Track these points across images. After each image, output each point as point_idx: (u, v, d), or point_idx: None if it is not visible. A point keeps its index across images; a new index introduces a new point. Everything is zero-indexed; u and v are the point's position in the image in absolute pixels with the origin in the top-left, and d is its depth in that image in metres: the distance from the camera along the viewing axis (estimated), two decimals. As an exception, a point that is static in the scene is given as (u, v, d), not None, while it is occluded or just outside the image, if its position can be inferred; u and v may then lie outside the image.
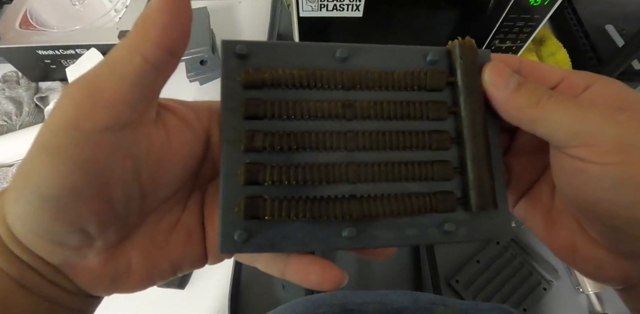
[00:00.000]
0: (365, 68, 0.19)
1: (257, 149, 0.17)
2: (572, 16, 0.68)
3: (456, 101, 0.19)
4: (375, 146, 0.18)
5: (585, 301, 0.46)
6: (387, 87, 0.19)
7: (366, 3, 0.48)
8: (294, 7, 0.48)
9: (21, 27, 0.56)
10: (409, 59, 0.20)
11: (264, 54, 0.18)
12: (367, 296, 0.34)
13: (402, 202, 0.18)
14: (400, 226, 0.18)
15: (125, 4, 0.59)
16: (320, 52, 0.19)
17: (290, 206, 0.17)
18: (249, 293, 0.46)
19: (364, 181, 0.18)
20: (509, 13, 0.50)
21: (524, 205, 0.21)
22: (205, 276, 0.47)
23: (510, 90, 0.18)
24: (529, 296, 0.46)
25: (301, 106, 0.18)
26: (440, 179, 0.19)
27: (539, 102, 0.17)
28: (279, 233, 0.17)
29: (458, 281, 0.46)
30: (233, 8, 0.73)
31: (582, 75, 0.18)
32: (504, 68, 0.19)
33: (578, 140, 0.16)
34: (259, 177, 0.17)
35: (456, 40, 0.19)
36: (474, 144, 0.19)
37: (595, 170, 0.16)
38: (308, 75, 0.18)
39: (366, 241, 0.18)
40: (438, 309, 0.32)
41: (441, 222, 0.18)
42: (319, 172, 0.18)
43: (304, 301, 0.34)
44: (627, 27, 0.64)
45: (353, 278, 0.47)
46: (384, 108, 0.19)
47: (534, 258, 0.48)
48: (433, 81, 0.19)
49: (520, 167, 0.21)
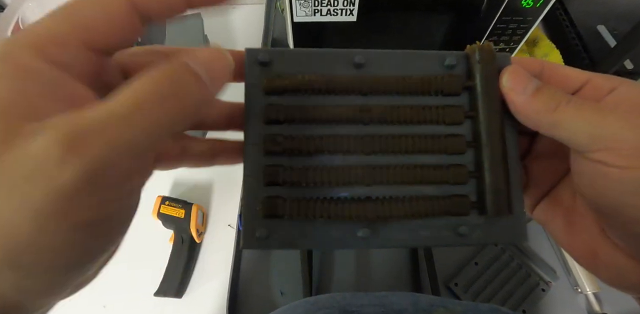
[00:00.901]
0: (383, 73, 0.19)
1: (277, 152, 0.18)
2: (565, 17, 0.68)
3: (474, 105, 0.19)
4: (391, 150, 0.19)
5: (583, 301, 0.46)
6: (404, 92, 0.19)
7: (360, 8, 0.48)
8: (288, 12, 0.48)
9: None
10: (427, 64, 0.20)
11: (285, 62, 0.19)
12: (367, 298, 0.34)
13: (416, 204, 0.18)
14: (414, 228, 0.19)
15: (118, 11, 0.59)
16: (339, 58, 0.19)
17: (307, 207, 0.18)
18: (246, 301, 0.46)
19: (380, 184, 0.19)
20: (502, 15, 0.51)
21: (543, 208, 0.21)
22: (203, 285, 0.47)
23: (529, 94, 0.18)
24: (528, 297, 0.46)
25: (319, 110, 0.19)
26: (455, 183, 0.19)
27: (557, 106, 0.17)
28: (297, 232, 0.18)
29: (457, 284, 0.46)
30: (227, 13, 0.73)
31: (607, 78, 0.18)
32: (522, 72, 0.18)
33: (598, 144, 0.16)
34: (278, 178, 0.18)
35: (475, 45, 0.19)
36: (491, 148, 0.19)
37: (617, 174, 0.15)
38: (327, 81, 0.19)
39: (380, 242, 0.19)
40: (437, 311, 0.32)
41: (455, 225, 0.19)
42: (335, 175, 0.18)
43: (304, 303, 0.34)
44: (618, 27, 0.65)
45: (351, 281, 0.47)
46: (400, 113, 0.19)
47: (532, 259, 0.48)
48: (450, 85, 0.19)
49: (539, 170, 0.21)
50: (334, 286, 0.46)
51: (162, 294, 0.44)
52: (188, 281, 0.47)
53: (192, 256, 0.48)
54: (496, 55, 0.19)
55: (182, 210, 0.48)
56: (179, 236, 0.48)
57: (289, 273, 0.47)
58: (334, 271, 0.47)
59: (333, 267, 0.48)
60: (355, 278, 0.47)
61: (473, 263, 0.48)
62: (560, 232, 0.20)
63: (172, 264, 0.46)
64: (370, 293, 0.35)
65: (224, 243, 0.49)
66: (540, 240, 0.50)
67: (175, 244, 0.48)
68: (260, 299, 0.46)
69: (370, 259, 0.48)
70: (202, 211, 0.50)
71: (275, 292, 0.46)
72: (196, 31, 0.59)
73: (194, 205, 0.49)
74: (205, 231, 0.51)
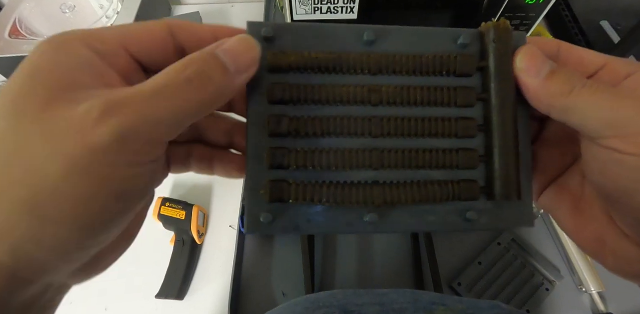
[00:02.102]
0: (394, 51, 0.18)
1: (282, 134, 0.18)
2: (567, 13, 0.67)
3: (487, 87, 0.19)
4: (400, 133, 0.18)
5: (588, 300, 0.46)
6: (415, 72, 0.19)
7: (361, 5, 0.47)
8: (288, 10, 0.48)
9: (11, 36, 0.55)
10: (439, 42, 0.19)
11: (291, 37, 0.18)
12: (367, 297, 0.33)
13: (424, 189, 0.18)
14: (422, 213, 0.18)
15: (117, 11, 0.59)
16: (348, 34, 0.18)
17: (314, 191, 0.17)
18: (248, 302, 0.45)
19: (387, 168, 0.18)
20: (504, 12, 0.50)
21: (551, 195, 0.21)
22: (205, 287, 0.47)
23: (543, 77, 0.17)
24: (532, 297, 0.45)
25: (327, 90, 0.18)
26: (465, 168, 0.19)
27: (572, 90, 0.16)
28: (303, 216, 0.18)
29: (460, 284, 0.46)
30: (226, 12, 0.72)
31: (625, 63, 0.17)
32: (537, 53, 0.18)
33: (613, 130, 0.15)
34: (283, 161, 0.17)
35: (490, 22, 0.18)
36: (502, 133, 0.18)
37: (631, 161, 0.15)
38: (334, 59, 0.18)
39: (387, 227, 0.18)
40: (438, 309, 0.32)
41: (463, 210, 0.18)
42: (342, 158, 0.18)
43: (304, 301, 0.33)
44: (622, 22, 0.64)
45: (353, 283, 0.46)
46: (411, 94, 0.18)
47: (536, 258, 0.48)
48: (463, 66, 0.18)
49: (548, 156, 0.21)
50: (336, 286, 0.46)
51: (164, 296, 0.44)
52: (190, 283, 0.47)
53: (194, 258, 0.48)
54: (512, 34, 0.18)
55: (183, 211, 0.48)
56: (180, 238, 0.48)
57: (290, 273, 0.46)
58: (336, 273, 0.47)
59: (335, 268, 0.47)
60: (357, 280, 0.47)
61: (477, 263, 0.47)
62: (567, 220, 0.20)
63: (174, 266, 0.46)
64: (371, 291, 0.34)
65: (225, 244, 0.49)
66: (544, 240, 0.50)
67: (177, 246, 0.47)
68: (262, 300, 0.45)
69: (372, 260, 0.48)
70: (203, 212, 0.50)
71: (277, 293, 0.46)
72: (195, 30, 0.59)
73: (195, 206, 0.49)
74: (207, 233, 0.50)
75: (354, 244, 0.49)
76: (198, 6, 0.71)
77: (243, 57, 0.16)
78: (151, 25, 0.17)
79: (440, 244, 0.47)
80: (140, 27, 0.16)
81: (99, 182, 0.13)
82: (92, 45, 0.15)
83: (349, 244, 0.49)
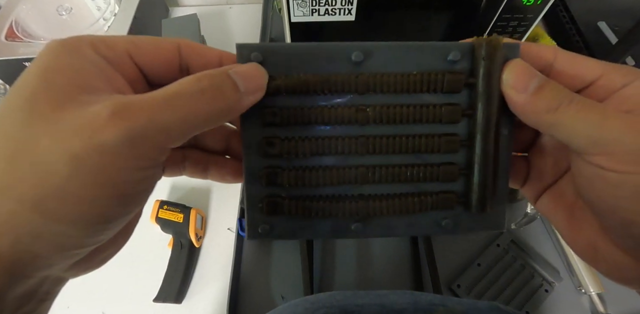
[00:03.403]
0: (382, 69, 0.19)
1: (274, 154, 0.19)
2: (565, 14, 0.67)
3: (473, 104, 0.19)
4: (384, 150, 0.19)
5: (587, 301, 0.46)
6: (402, 91, 0.19)
7: (358, 7, 0.47)
8: (286, 12, 0.47)
9: (7, 39, 0.55)
10: (429, 58, 0.19)
11: (279, 60, 0.19)
12: (367, 297, 0.33)
13: (405, 202, 0.20)
14: (402, 220, 0.20)
15: (114, 13, 0.58)
16: (336, 54, 0.19)
17: (304, 205, 0.19)
18: (247, 306, 0.45)
19: (372, 183, 0.20)
20: (502, 13, 0.50)
21: (547, 200, 0.21)
22: (203, 290, 0.47)
23: (530, 93, 0.17)
24: (531, 298, 0.45)
25: (315, 112, 0.19)
26: (445, 181, 0.20)
27: (559, 107, 0.16)
28: (297, 225, 0.20)
29: (459, 286, 0.46)
30: (223, 13, 0.72)
31: (622, 72, 0.17)
32: (525, 68, 0.18)
33: (597, 148, 0.16)
34: (277, 180, 0.19)
35: (482, 38, 0.18)
36: (484, 148, 0.19)
37: (614, 178, 0.15)
38: (322, 81, 0.19)
39: (370, 232, 0.20)
40: (437, 310, 0.32)
41: (440, 218, 0.20)
42: (330, 175, 0.19)
43: (303, 302, 0.33)
44: (619, 23, 0.64)
45: (352, 285, 0.46)
46: (397, 112, 0.19)
47: (535, 259, 0.48)
48: (451, 84, 0.19)
49: (543, 163, 0.21)
50: (335, 288, 0.46)
51: (162, 299, 0.44)
52: (188, 286, 0.46)
53: (192, 261, 0.47)
54: (502, 50, 0.18)
55: (181, 214, 0.48)
56: (178, 241, 0.47)
57: (289, 276, 0.46)
58: (335, 275, 0.47)
59: (334, 270, 0.47)
60: (356, 282, 0.47)
61: (476, 264, 0.47)
62: (563, 225, 0.20)
63: (172, 269, 0.46)
64: (371, 292, 0.34)
65: (223, 247, 0.48)
66: (543, 241, 0.50)
67: (174, 249, 0.47)
68: (261, 303, 0.45)
69: (371, 263, 0.48)
70: (201, 215, 0.50)
71: (276, 296, 0.46)
72: (193, 31, 0.59)
73: (193, 209, 0.49)
74: (205, 236, 0.50)
75: (352, 246, 0.49)
76: (195, 8, 0.71)
77: (253, 81, 0.17)
78: (161, 40, 0.18)
79: (439, 246, 0.47)
80: (150, 40, 0.17)
81: (103, 184, 0.13)
82: (100, 51, 0.16)
83: (348, 246, 0.49)
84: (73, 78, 0.14)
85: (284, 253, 0.48)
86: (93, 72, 0.15)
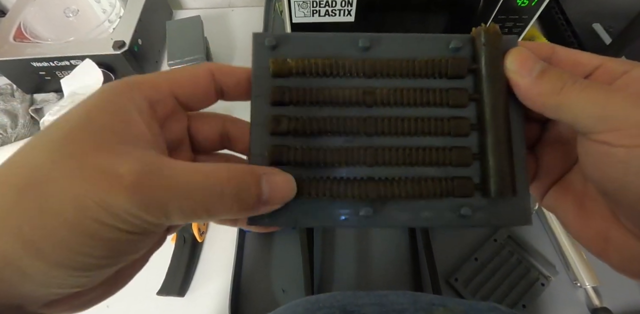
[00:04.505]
0: (388, 56, 0.19)
1: (282, 132, 0.19)
2: (560, 16, 0.69)
3: (479, 88, 0.19)
4: (393, 131, 0.19)
5: (583, 295, 0.46)
6: (408, 75, 0.19)
7: (358, 8, 0.48)
8: (287, 13, 0.49)
9: (15, 39, 0.57)
10: (431, 46, 0.20)
11: (291, 45, 0.20)
12: (367, 298, 0.34)
13: (418, 185, 0.19)
14: (416, 208, 0.19)
15: (119, 15, 0.60)
16: (344, 42, 0.20)
17: (310, 186, 0.18)
18: (249, 299, 0.46)
19: (382, 165, 0.19)
20: (497, 14, 0.51)
21: (554, 195, 0.21)
22: (205, 284, 0.47)
23: (534, 77, 0.17)
24: (528, 292, 0.46)
25: (324, 93, 0.19)
26: (458, 165, 0.19)
27: (562, 88, 0.16)
28: (301, 211, 0.19)
29: (457, 280, 0.47)
30: (226, 16, 0.74)
31: (620, 62, 0.17)
32: (527, 54, 0.18)
33: (604, 125, 0.16)
34: (282, 158, 0.19)
35: (480, 27, 0.19)
36: (495, 131, 0.19)
37: (623, 154, 0.15)
38: (331, 64, 0.19)
39: (382, 221, 0.19)
40: (437, 310, 0.32)
41: (458, 206, 0.19)
42: (338, 155, 0.19)
43: (304, 302, 0.34)
44: (614, 25, 0.65)
45: (352, 278, 0.47)
46: (404, 95, 0.19)
47: (531, 254, 0.49)
48: (454, 68, 0.19)
49: (550, 157, 0.21)
50: (335, 282, 0.47)
51: (165, 293, 0.45)
52: (190, 280, 0.47)
53: (194, 255, 0.48)
54: (502, 37, 0.19)
55: (184, 210, 0.49)
56: (181, 236, 0.48)
57: (290, 270, 0.47)
58: (335, 268, 0.48)
59: (334, 264, 0.48)
60: (356, 275, 0.47)
61: (473, 259, 0.48)
62: (571, 217, 0.20)
63: (175, 263, 0.47)
64: (371, 292, 0.35)
65: (225, 242, 0.49)
66: (540, 236, 0.50)
67: (177, 244, 0.48)
68: (263, 297, 0.46)
69: (371, 256, 0.49)
70: (203, 211, 0.51)
71: (277, 290, 0.46)
72: (196, 33, 0.60)
73: (196, 205, 0.49)
74: (207, 231, 0.51)
75: (352, 240, 0.50)
76: (199, 10, 0.72)
77: (280, 193, 0.17)
78: (195, 70, 0.19)
79: (437, 241, 0.48)
80: (186, 72, 0.18)
81: (100, 240, 0.13)
82: (146, 92, 0.17)
83: (348, 240, 0.49)
84: (113, 123, 0.15)
85: (285, 247, 0.49)
86: (134, 118, 0.16)
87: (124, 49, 0.55)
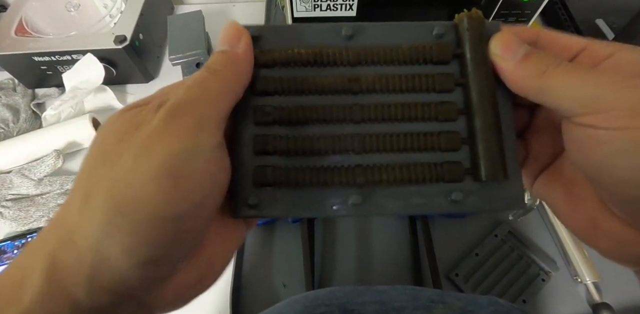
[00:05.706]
0: (372, 44, 0.19)
1: (267, 122, 0.19)
2: (563, 11, 0.68)
3: (464, 72, 0.19)
4: (380, 118, 0.19)
5: (583, 291, 0.46)
6: (393, 62, 0.19)
7: (359, 2, 0.48)
8: (288, 8, 0.49)
9: (17, 34, 0.57)
10: (415, 34, 0.20)
11: (274, 36, 0.19)
12: (367, 294, 0.34)
13: (407, 170, 0.18)
14: (407, 195, 0.19)
15: (120, 10, 0.60)
16: (327, 31, 0.20)
17: (297, 174, 0.18)
18: (249, 293, 0.46)
19: (370, 152, 0.19)
20: (500, 9, 0.51)
21: (543, 181, 0.21)
22: (208, 276, 0.48)
23: (517, 60, 0.17)
24: (528, 287, 0.46)
25: (308, 82, 0.19)
26: (447, 150, 0.19)
27: (545, 71, 0.17)
28: (289, 200, 0.18)
29: (457, 275, 0.47)
30: (227, 11, 0.74)
31: (605, 44, 0.17)
32: (511, 38, 0.18)
33: (586, 107, 0.16)
34: (268, 147, 0.18)
35: (463, 13, 0.19)
36: (483, 114, 0.18)
37: (605, 136, 0.15)
38: (315, 53, 0.19)
39: (371, 209, 0.19)
40: (437, 307, 0.32)
41: (449, 192, 0.18)
42: (325, 143, 0.19)
43: (303, 299, 0.34)
44: (617, 20, 0.65)
45: (353, 273, 0.47)
46: (389, 81, 0.19)
47: (532, 249, 0.49)
48: (439, 53, 0.19)
49: (539, 144, 0.21)
50: (336, 277, 0.47)
51: (167, 286, 0.45)
52: (192, 274, 0.47)
53: (196, 250, 0.48)
54: (485, 22, 0.19)
55: (186, 204, 0.49)
56: (183, 230, 0.48)
57: (290, 265, 0.47)
58: (336, 263, 0.48)
59: (335, 259, 0.48)
60: (356, 270, 0.47)
61: (473, 254, 0.48)
62: (561, 204, 0.20)
63: (176, 258, 0.47)
64: (371, 287, 0.35)
65: (227, 236, 0.49)
66: (540, 232, 0.50)
67: (179, 238, 0.48)
68: (263, 291, 0.46)
69: (372, 250, 0.49)
70: (205, 205, 0.51)
71: (277, 284, 0.47)
72: (197, 28, 0.60)
73: (197, 199, 0.50)
74: (209, 225, 0.51)
75: (353, 234, 0.50)
76: (200, 5, 0.72)
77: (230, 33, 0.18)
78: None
79: (437, 236, 0.48)
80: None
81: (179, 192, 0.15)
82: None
83: (348, 235, 0.50)
84: None
85: (286, 242, 0.49)
86: None
87: (125, 44, 0.55)
